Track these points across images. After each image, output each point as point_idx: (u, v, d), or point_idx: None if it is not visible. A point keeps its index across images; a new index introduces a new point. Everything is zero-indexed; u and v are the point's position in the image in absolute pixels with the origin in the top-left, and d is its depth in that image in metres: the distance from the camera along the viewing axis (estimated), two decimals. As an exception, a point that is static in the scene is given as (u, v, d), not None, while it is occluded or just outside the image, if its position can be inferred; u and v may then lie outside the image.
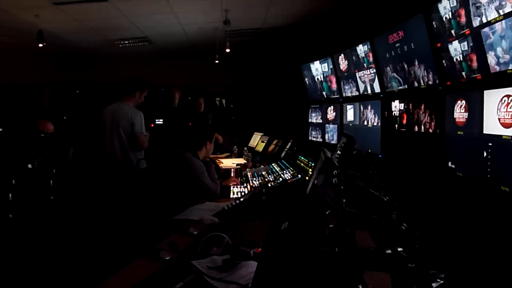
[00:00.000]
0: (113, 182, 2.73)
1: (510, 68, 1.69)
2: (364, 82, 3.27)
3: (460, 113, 2.04)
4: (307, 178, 2.25)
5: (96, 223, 2.89)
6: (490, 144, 1.80)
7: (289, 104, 5.24)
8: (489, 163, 1.81)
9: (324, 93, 3.94)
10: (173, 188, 2.13)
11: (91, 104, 6.24)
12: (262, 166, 3.18)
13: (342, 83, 3.70)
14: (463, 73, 2.00)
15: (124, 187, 2.67)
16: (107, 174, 2.78)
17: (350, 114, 3.62)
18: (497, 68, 1.75)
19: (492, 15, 1.72)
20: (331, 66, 3.78)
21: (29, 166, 3.26)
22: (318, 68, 4.05)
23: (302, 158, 2.70)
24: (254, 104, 6.09)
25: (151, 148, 2.94)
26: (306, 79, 4.43)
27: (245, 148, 4.02)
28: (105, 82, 6.17)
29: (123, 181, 2.70)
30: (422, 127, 2.44)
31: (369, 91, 3.22)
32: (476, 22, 1.83)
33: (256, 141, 4.51)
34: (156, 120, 4.37)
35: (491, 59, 1.78)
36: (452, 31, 2.02)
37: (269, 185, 2.32)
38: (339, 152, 1.73)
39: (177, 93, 3.97)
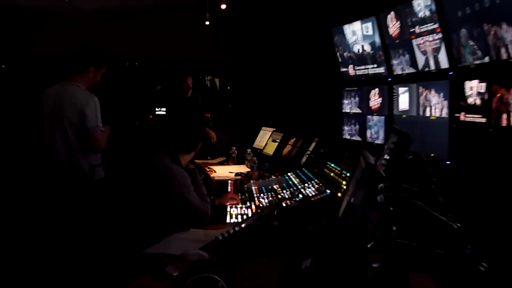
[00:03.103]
0: (55, 197, 2.75)
1: None
2: (424, 53, 3.25)
3: None
4: (339, 194, 2.24)
5: (30, 257, 2.91)
6: None
7: (313, 86, 5.24)
8: None
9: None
10: (143, 208, 2.14)
11: (26, 85, 6.29)
12: (273, 177, 3.17)
13: (391, 55, 3.68)
14: None
15: (71, 205, 2.68)
16: (47, 187, 2.79)
17: (403, 100, 3.60)
18: None
19: None
20: (377, 30, 3.76)
21: None
22: (358, 32, 4.03)
23: (332, 165, 2.68)
24: (261, 86, 6.09)
25: (112, 150, 2.96)
26: (339, 49, 4.42)
27: (248, 151, 4.01)
28: (47, 53, 6.23)
29: (70, 197, 2.71)
30: None
31: (432, 67, 3.20)
32: None
33: (265, 140, 4.51)
34: (157, 109, 4.44)
35: None
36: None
37: (284, 204, 2.30)
38: (387, 157, 1.71)
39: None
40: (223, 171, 3.70)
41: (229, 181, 3.16)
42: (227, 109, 6.59)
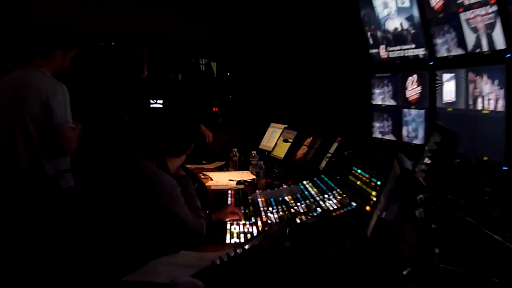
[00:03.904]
0: (13, 210, 2.76)
1: None
2: (475, 30, 3.24)
3: None
4: (367, 208, 2.24)
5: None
6: None
7: (334, 71, 5.23)
8: None
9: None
10: (122, 224, 2.15)
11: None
12: (284, 186, 3.17)
13: (433, 33, 3.67)
14: None
15: (33, 220, 2.69)
16: (3, 196, 2.81)
17: (448, 89, 3.59)
18: None
19: None
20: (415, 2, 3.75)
21: None
22: (390, 3, 4.02)
23: (359, 171, 2.68)
24: (269, 72, 6.10)
25: (84, 153, 2.97)
26: (370, 27, 4.41)
27: (253, 153, 4.02)
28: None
29: (31, 210, 2.73)
30: None
31: (485, 48, 3.18)
32: None
33: (274, 139, 4.51)
34: (153, 101, 4.49)
35: None
36: None
37: (298, 220, 2.31)
38: (428, 161, 1.71)
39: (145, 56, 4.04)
40: (221, 179, 3.70)
41: (229, 191, 3.16)
42: (227, 101, 6.59)
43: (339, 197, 2.61)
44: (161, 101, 4.59)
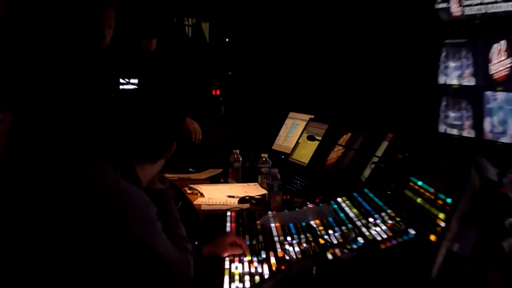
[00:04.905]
0: None
1: None
2: None
3: None
4: (432, 237, 2.25)
5: None
6: None
7: (381, 38, 5.22)
8: None
9: None
10: (68, 263, 2.16)
11: None
12: (309, 205, 3.18)
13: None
14: None
15: None
16: None
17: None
18: None
19: None
20: None
21: None
22: None
23: (420, 183, 2.69)
24: (286, 38, 6.11)
25: (13, 156, 2.99)
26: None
27: (264, 157, 4.03)
28: None
29: None
30: None
31: None
32: None
33: (295, 136, 4.52)
34: (124, 80, 4.51)
35: None
36: None
37: (329, 256, 2.32)
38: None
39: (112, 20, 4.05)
40: (217, 194, 3.73)
41: (229, 213, 3.19)
42: (226, 79, 6.61)
43: (390, 222, 2.62)
44: (135, 81, 4.59)
